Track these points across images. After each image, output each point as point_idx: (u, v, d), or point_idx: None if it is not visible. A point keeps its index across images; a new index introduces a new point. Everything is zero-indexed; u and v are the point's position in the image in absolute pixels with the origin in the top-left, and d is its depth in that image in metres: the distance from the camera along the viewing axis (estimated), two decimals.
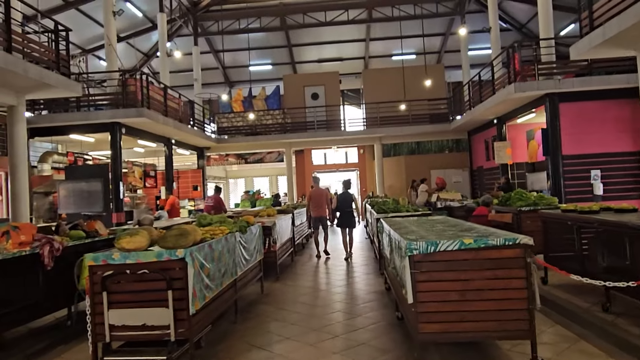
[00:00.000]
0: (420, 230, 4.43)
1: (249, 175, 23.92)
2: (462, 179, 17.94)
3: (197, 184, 18.47)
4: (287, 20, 19.31)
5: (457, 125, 16.33)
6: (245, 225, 5.29)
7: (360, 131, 17.83)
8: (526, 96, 10.98)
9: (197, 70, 19.00)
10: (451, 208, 11.15)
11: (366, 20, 19.08)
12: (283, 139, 17.54)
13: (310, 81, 18.98)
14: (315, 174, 21.63)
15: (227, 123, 18.16)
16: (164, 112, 12.77)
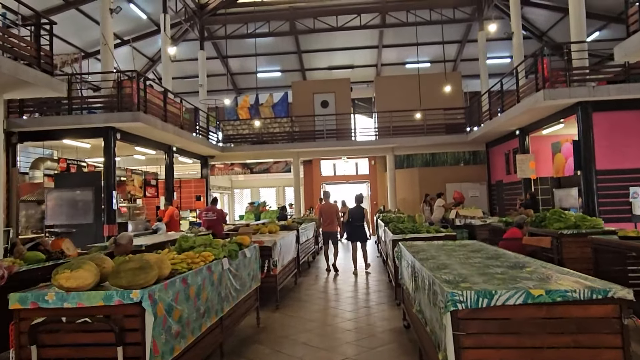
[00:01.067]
0: (454, 263, 3.48)
1: (255, 186, 23.06)
2: (480, 193, 16.90)
3: (200, 194, 17.63)
4: (297, 25, 18.55)
5: (475, 136, 15.34)
6: (236, 249, 4.37)
7: (371, 141, 16.92)
8: (556, 105, 10.00)
9: (203, 76, 18.27)
10: (472, 227, 10.16)
11: (379, 26, 18.26)
12: (291, 149, 16.67)
13: (320, 88, 18.15)
14: (326, 188, 20.88)
15: (233, 131, 17.35)
16: (163, 118, 11.97)
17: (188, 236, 4.21)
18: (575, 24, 10.20)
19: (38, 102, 10.91)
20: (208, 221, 9.98)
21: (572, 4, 10.31)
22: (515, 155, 13.96)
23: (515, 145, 13.95)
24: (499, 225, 8.40)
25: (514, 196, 14.31)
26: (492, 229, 8.73)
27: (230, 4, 18.31)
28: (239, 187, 23.40)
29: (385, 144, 16.47)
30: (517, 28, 13.88)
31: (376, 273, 9.41)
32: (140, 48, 19.68)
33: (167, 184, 14.32)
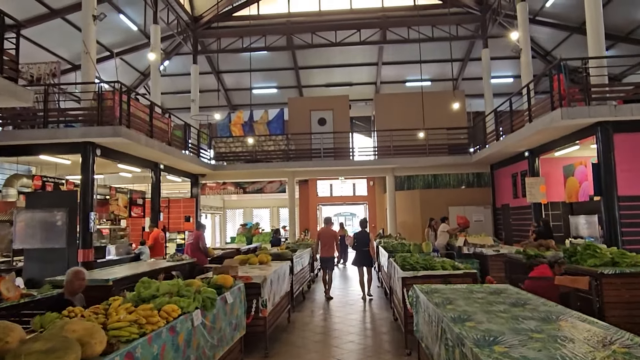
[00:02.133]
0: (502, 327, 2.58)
1: (248, 206, 22.12)
2: (484, 217, 16.04)
3: (189, 215, 16.66)
4: (294, 40, 17.91)
5: (480, 157, 14.56)
6: (213, 296, 3.45)
7: (370, 161, 16.11)
8: (573, 125, 9.24)
9: (195, 91, 17.50)
10: (483, 256, 9.26)
11: (379, 42, 17.64)
12: (286, 168, 15.82)
13: (318, 105, 17.40)
14: (322, 209, 20.01)
15: (225, 148, 16.49)
16: (148, 133, 11.12)
17: (149, 281, 3.29)
18: (592, 37, 9.49)
19: (12, 114, 10.05)
20: (187, 246, 9.11)
21: (589, 16, 9.62)
22: (523, 178, 13.19)
23: (523, 168, 13.17)
24: (516, 257, 7.50)
25: (522, 221, 13.47)
26: (508, 261, 7.83)
27: (225, 18, 17.69)
28: (231, 207, 22.44)
29: (384, 164, 15.66)
30: (526, 45, 13.25)
31: (378, 308, 8.47)
32: (131, 61, 18.98)
33: (153, 204, 13.37)
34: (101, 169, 13.61)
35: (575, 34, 16.45)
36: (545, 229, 10.72)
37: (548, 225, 10.85)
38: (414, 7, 16.97)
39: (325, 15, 17.66)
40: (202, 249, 8.92)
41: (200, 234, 9.12)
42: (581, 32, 16.23)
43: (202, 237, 9.10)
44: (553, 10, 15.97)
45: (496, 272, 8.86)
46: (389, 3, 17.51)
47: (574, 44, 16.99)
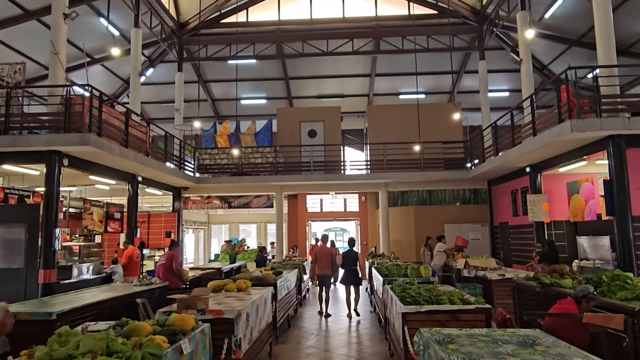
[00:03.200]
0: None
1: (234, 222, 21.15)
2: (481, 236, 15.29)
3: (170, 230, 15.71)
4: (285, 48, 17.23)
5: (477, 173, 13.86)
6: (158, 352, 2.57)
7: (362, 175, 15.33)
8: (583, 138, 8.56)
9: (180, 100, 16.67)
10: (487, 281, 8.45)
11: (373, 52, 17.00)
12: (273, 181, 14.98)
13: (308, 116, 16.65)
14: (318, 230, 19.17)
15: (210, 160, 15.62)
16: (123, 142, 10.24)
17: (70, 333, 2.42)
18: (602, 44, 8.85)
19: None
20: (158, 268, 8.20)
21: (598, 22, 8.99)
22: (524, 195, 12.48)
23: (524, 184, 12.47)
24: (527, 284, 6.68)
25: (523, 241, 12.73)
26: (517, 288, 7.01)
27: (212, 24, 16.98)
28: (216, 222, 21.45)
29: (377, 178, 14.89)
30: (526, 55, 12.63)
31: (371, 338, 7.59)
32: (114, 68, 18.15)
33: (129, 219, 12.42)
34: (72, 180, 12.68)
35: (573, 46, 15.96)
36: (550, 251, 9.98)
37: (553, 246, 10.10)
38: (409, 16, 16.41)
39: (316, 23, 17.03)
40: (175, 271, 8.00)
41: (173, 254, 8.20)
42: (580, 45, 15.82)
43: (176, 257, 8.17)
44: (551, 22, 15.48)
45: (501, 298, 8.06)
46: (382, 12, 16.94)
47: (572, 57, 16.47)
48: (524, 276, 7.30)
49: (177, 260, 8.10)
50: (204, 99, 20.98)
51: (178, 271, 8.01)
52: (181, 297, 4.63)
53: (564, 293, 5.53)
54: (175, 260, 8.05)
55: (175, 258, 8.09)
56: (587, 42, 15.33)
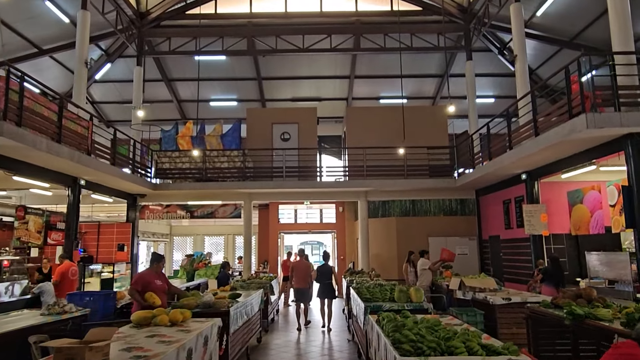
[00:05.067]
0: None
1: (199, 233, 19.35)
2: (469, 250, 13.98)
3: (123, 243, 13.90)
4: (257, 44, 15.79)
5: (465, 181, 12.59)
6: None
7: (340, 182, 13.89)
8: (597, 137, 7.32)
9: (138, 97, 14.99)
10: (488, 305, 7.02)
11: (352, 49, 15.69)
12: (241, 188, 13.39)
13: (281, 118, 15.18)
14: (300, 246, 17.64)
15: (170, 164, 13.93)
16: (55, 137, 8.55)
17: None
18: (618, 27, 7.66)
19: None
20: None
21: (612, 2, 7.81)
22: (519, 206, 11.25)
23: (519, 193, 11.24)
24: (548, 313, 5.27)
25: (517, 256, 11.46)
26: (533, 317, 5.59)
27: (176, 15, 15.43)
28: (180, 234, 19.60)
29: (356, 186, 13.46)
30: (521, 50, 11.48)
31: None
32: (67, 62, 16.31)
33: (68, 230, 10.63)
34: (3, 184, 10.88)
35: (565, 48, 15.00)
36: (554, 268, 8.70)
37: (557, 263, 8.82)
38: (391, 12, 15.20)
39: (292, 17, 15.66)
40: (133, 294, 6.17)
41: (142, 274, 6.38)
42: (571, 47, 14.85)
43: (139, 276, 6.34)
44: (542, 22, 14.49)
45: (507, 327, 6.66)
46: (363, 7, 15.70)
47: (562, 61, 15.51)
48: (539, 301, 5.91)
49: (135, 281, 6.22)
50: (168, 100, 19.34)
51: (132, 295, 6.12)
52: (62, 344, 3.02)
53: (607, 329, 4.13)
54: (136, 281, 6.19)
55: (133, 282, 6.23)
56: (579, 44, 14.41)
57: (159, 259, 6.52)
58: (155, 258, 6.54)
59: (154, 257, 6.57)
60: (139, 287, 5.98)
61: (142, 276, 6.25)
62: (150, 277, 6.26)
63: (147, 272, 6.39)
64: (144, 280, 6.08)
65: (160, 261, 6.51)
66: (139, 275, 6.40)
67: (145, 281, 6.10)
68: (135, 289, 5.94)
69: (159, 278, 6.41)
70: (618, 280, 7.81)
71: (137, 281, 6.12)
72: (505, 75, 17.97)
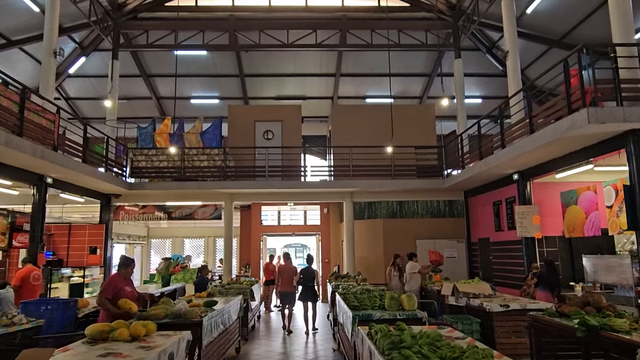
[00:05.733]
0: None
1: (178, 235, 18.59)
2: (457, 253, 13.57)
3: (96, 245, 13.15)
4: (240, 39, 15.19)
5: (455, 181, 12.18)
6: None
7: (325, 182, 13.36)
8: (598, 133, 6.94)
9: (113, 92, 14.24)
10: (484, 312, 6.54)
11: (338, 46, 15.19)
12: (222, 188, 12.78)
13: (264, 115, 14.60)
14: (284, 249, 17.07)
15: (146, 162, 13.23)
16: (16, 129, 7.85)
17: None
18: (619, 18, 7.31)
19: None
20: None
21: None
22: (510, 207, 10.87)
23: (510, 194, 10.87)
24: (554, 322, 4.80)
25: (507, 259, 11.07)
26: (537, 326, 5.12)
27: (155, 6, 14.75)
28: (158, 236, 18.81)
29: (342, 187, 12.95)
30: (513, 46, 11.12)
31: None
32: (38, 54, 15.44)
33: (32, 231, 9.88)
34: None
35: (554, 47, 14.74)
36: (550, 272, 8.30)
37: (553, 267, 8.43)
38: (378, 8, 14.76)
39: (276, 11, 15.10)
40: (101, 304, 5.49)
41: (110, 280, 5.69)
42: (561, 46, 14.60)
43: (108, 283, 5.64)
44: (532, 20, 14.20)
45: (505, 337, 6.20)
46: (350, 2, 15.22)
47: (552, 61, 15.27)
48: (540, 308, 5.45)
49: (105, 288, 5.56)
50: (147, 97, 18.59)
51: (102, 304, 5.43)
52: None
53: (628, 342, 3.66)
54: (105, 288, 5.54)
55: (103, 289, 5.56)
56: (569, 43, 14.16)
57: (128, 263, 5.90)
58: (123, 262, 5.92)
59: (123, 261, 5.94)
60: (110, 294, 5.36)
61: (112, 282, 5.60)
62: (120, 283, 5.65)
63: (117, 278, 5.75)
64: (115, 287, 5.46)
65: (130, 265, 5.89)
66: (109, 280, 5.74)
67: (116, 288, 5.49)
68: (106, 297, 5.32)
69: (128, 284, 5.82)
70: (617, 284, 7.42)
71: (106, 288, 5.48)
72: (493, 76, 17.71)
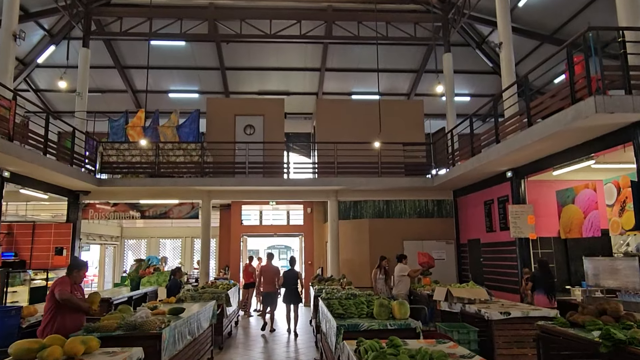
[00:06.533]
0: None
1: (154, 236, 17.67)
2: (446, 255, 13.01)
3: (62, 246, 12.26)
4: (220, 28, 14.43)
5: (445, 179, 11.62)
6: None
7: (309, 180, 12.68)
8: (607, 124, 6.38)
9: (84, 82, 13.35)
10: (482, 320, 5.93)
11: (323, 37, 14.54)
12: (199, 185, 12.02)
13: (245, 109, 13.88)
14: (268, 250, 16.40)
15: (118, 157, 12.38)
16: None
17: None
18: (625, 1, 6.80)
19: None
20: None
21: None
22: (502, 206, 10.33)
23: (502, 193, 10.34)
24: (568, 333, 4.20)
25: (499, 261, 10.53)
26: (543, 337, 4.51)
27: None
28: (132, 236, 17.86)
29: (326, 184, 12.29)
30: (507, 37, 10.60)
31: None
32: None
33: None
34: None
35: (546, 43, 14.33)
36: (543, 273, 7.78)
37: (546, 267, 7.91)
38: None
39: (258, 0, 14.36)
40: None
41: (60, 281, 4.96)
42: (552, 42, 14.20)
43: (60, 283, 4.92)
44: (524, 15, 13.76)
45: (506, 347, 5.59)
46: None
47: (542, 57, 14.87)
48: (545, 316, 4.85)
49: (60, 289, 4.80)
50: (122, 90, 17.68)
51: (68, 299, 4.73)
52: None
53: None
54: (59, 288, 4.79)
55: (59, 285, 4.82)
56: (560, 39, 13.76)
57: (80, 266, 5.15)
58: (75, 264, 5.16)
59: (74, 263, 5.18)
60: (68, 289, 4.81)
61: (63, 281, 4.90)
62: (69, 287, 4.93)
63: (66, 281, 5.00)
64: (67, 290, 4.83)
65: (82, 269, 5.14)
66: (60, 280, 4.99)
67: None
68: (67, 290, 4.75)
69: (77, 289, 5.07)
70: (622, 289, 6.89)
71: (62, 283, 4.86)
72: (482, 73, 17.28)
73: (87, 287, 17.28)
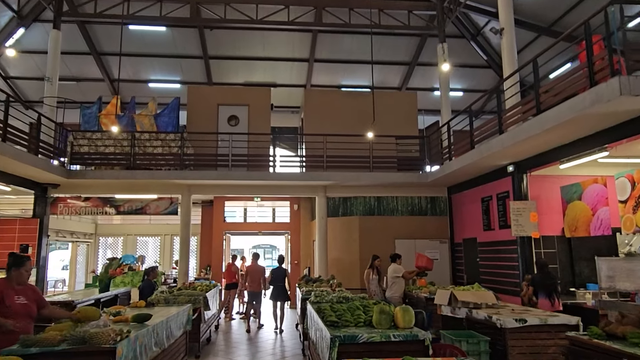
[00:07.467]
0: None
1: (131, 233, 16.71)
2: (440, 255, 12.37)
3: (27, 243, 11.30)
4: (203, 12, 13.59)
5: (441, 174, 10.96)
6: None
7: (297, 174, 11.93)
8: (624, 111, 5.76)
9: (54, 65, 12.38)
10: (494, 327, 5.23)
11: (313, 24, 13.78)
12: (179, 179, 11.18)
13: (228, 98, 13.07)
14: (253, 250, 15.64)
15: (90, 147, 11.45)
16: None
17: None
18: None
19: None
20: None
21: None
22: (502, 203, 9.71)
23: (502, 188, 9.72)
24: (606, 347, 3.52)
25: (498, 262, 9.90)
26: (573, 350, 3.83)
27: None
28: (107, 233, 16.86)
29: (315, 179, 11.55)
30: (509, 22, 9.97)
31: None
32: None
33: None
34: None
35: (543, 35, 13.82)
36: (543, 275, 7.17)
37: (546, 270, 7.31)
38: None
39: None
40: None
41: None
42: (550, 34, 13.68)
43: None
44: (522, 6, 13.17)
45: (520, 358, 4.91)
46: None
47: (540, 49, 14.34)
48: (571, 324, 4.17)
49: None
50: (99, 78, 16.70)
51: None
52: None
53: None
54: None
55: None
56: (557, 31, 13.24)
57: (20, 263, 4.29)
58: (14, 261, 4.29)
59: (13, 260, 4.31)
60: None
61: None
62: (7, 291, 4.10)
63: (3, 284, 4.17)
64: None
65: (22, 266, 4.28)
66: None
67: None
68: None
69: (21, 293, 4.23)
70: (639, 291, 6.28)
71: None
72: (476, 67, 16.71)
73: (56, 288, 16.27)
